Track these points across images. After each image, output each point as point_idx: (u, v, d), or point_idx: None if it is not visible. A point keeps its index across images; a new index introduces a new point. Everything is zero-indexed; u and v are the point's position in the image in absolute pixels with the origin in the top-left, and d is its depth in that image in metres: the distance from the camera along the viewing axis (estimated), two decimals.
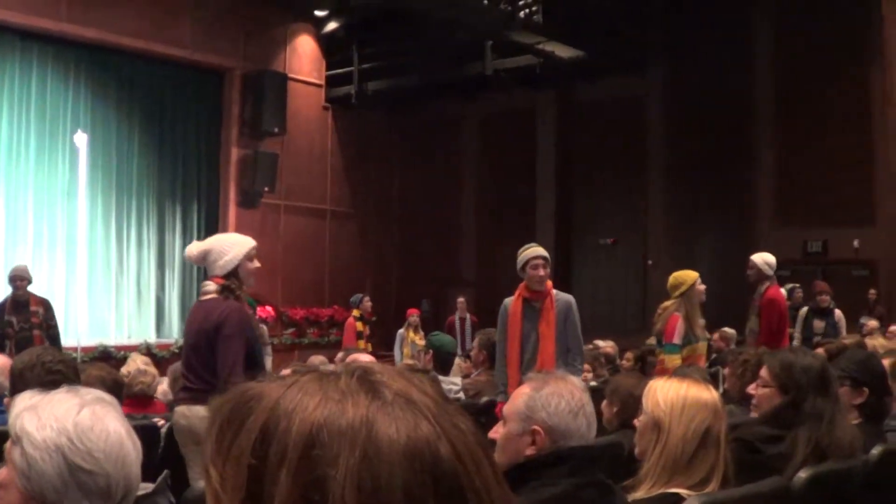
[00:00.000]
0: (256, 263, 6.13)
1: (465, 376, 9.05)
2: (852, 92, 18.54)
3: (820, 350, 8.23)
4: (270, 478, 0.96)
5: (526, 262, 8.04)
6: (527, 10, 18.18)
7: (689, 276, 9.25)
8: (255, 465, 0.97)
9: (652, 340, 14.21)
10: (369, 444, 0.95)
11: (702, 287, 9.18)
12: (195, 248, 6.20)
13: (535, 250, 8.12)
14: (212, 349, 5.83)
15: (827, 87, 18.72)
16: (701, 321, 9.13)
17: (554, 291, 8.12)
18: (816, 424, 4.17)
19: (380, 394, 1.01)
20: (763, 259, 10.90)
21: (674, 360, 8.87)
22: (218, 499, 1.01)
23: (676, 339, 9.00)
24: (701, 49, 19.97)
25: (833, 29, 18.48)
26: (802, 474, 3.86)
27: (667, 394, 3.52)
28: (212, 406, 1.07)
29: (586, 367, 9.51)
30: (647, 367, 11.37)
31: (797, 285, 15.16)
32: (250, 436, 0.99)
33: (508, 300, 8.24)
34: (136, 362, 7.36)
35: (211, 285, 6.02)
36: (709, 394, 3.52)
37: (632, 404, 5.25)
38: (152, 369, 7.44)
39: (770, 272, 10.89)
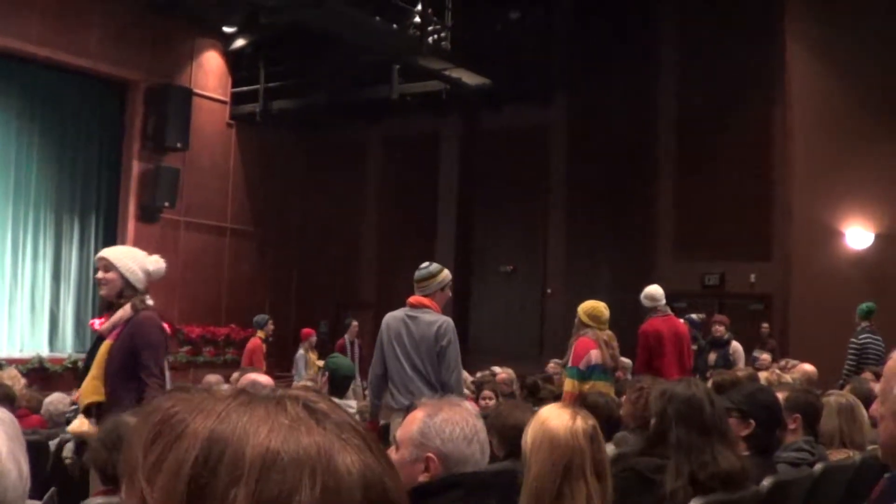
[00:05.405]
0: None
1: None
2: (753, 127, 18.79)
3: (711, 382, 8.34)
4: (220, 494, 0.94)
5: (447, 284, 7.94)
6: (435, 37, 18.34)
7: None
8: (202, 478, 0.94)
9: (551, 367, 14.35)
10: (328, 474, 0.95)
11: None
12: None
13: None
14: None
15: (729, 121, 18.97)
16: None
17: None
18: (684, 455, 4.19)
19: (326, 423, 1.00)
20: (644, 293, 11.00)
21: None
22: None
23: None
24: (605, 81, 20.19)
25: (736, 64, 18.75)
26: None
27: (534, 428, 3.55)
28: (139, 416, 1.05)
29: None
30: (542, 394, 11.34)
31: (693, 316, 14.98)
32: (190, 451, 0.96)
33: None
34: None
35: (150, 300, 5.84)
36: (569, 427, 3.49)
37: (511, 434, 5.26)
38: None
39: (650, 304, 10.95)
